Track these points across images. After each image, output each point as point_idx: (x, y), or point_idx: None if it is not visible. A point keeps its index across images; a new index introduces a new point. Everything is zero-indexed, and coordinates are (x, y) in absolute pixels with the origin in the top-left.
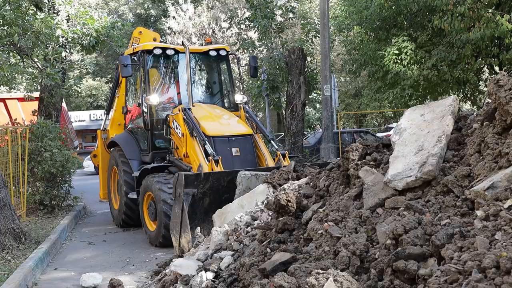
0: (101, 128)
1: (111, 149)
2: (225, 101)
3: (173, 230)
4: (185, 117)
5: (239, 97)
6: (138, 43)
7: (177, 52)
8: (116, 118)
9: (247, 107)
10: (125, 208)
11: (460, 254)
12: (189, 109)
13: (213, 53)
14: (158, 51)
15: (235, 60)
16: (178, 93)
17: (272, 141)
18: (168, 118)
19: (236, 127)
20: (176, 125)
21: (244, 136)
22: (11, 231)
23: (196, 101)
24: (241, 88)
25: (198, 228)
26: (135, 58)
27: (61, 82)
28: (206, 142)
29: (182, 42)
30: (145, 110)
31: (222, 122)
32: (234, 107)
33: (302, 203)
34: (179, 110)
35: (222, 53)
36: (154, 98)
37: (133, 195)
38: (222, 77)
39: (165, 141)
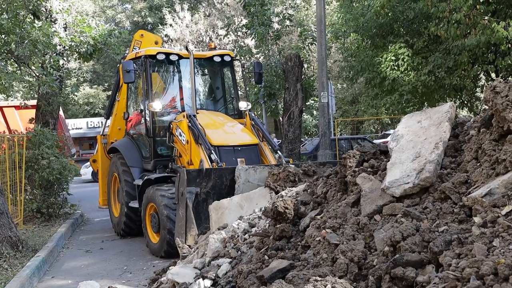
0: (101, 133)
1: (112, 155)
2: (228, 108)
3: (178, 235)
4: (190, 124)
5: (243, 104)
6: (140, 46)
7: (180, 57)
8: (116, 122)
9: (252, 114)
10: (126, 216)
11: (458, 261)
12: (194, 116)
13: (217, 59)
14: (161, 57)
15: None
16: (181, 99)
17: (278, 151)
18: (171, 125)
19: (242, 136)
20: (179, 132)
21: (250, 146)
22: (8, 239)
23: (199, 108)
24: (246, 95)
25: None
26: (135, 65)
27: (58, 90)
28: (212, 151)
29: (187, 47)
30: (147, 116)
31: (227, 131)
32: (238, 114)
33: (300, 210)
34: (184, 117)
35: (227, 59)
36: (157, 105)
37: (134, 204)
38: (226, 84)
39: (168, 149)
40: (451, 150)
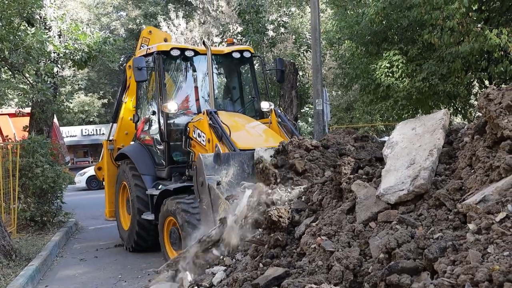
0: (107, 138)
1: (120, 162)
2: (249, 108)
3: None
4: (212, 122)
5: (265, 104)
6: (148, 43)
7: (196, 53)
8: (123, 126)
9: (278, 111)
10: (138, 229)
11: (453, 267)
12: (215, 112)
13: (236, 55)
14: (175, 53)
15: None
16: (197, 100)
17: None
18: (188, 128)
19: (269, 138)
20: (198, 133)
21: None
22: (1, 248)
23: (217, 108)
24: (267, 94)
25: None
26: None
27: (53, 97)
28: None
29: (204, 42)
30: (161, 118)
31: (251, 133)
32: (259, 115)
33: (295, 218)
34: (204, 113)
35: (246, 55)
36: (172, 105)
37: (147, 216)
38: (246, 82)
39: (184, 154)
40: (445, 157)
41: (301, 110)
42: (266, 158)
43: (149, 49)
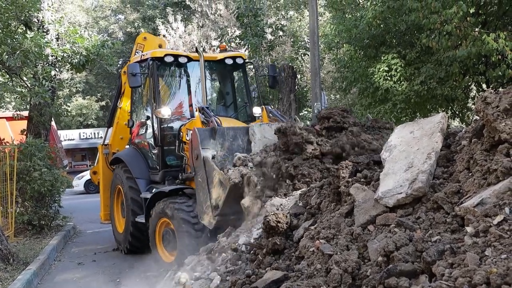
0: (102, 143)
1: (115, 166)
2: (242, 113)
3: (202, 206)
4: (204, 116)
5: (257, 110)
6: (143, 50)
7: (190, 59)
8: (118, 131)
9: (269, 108)
10: (132, 232)
11: (451, 270)
12: (207, 107)
13: (229, 61)
14: (169, 59)
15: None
16: (190, 105)
17: None
18: (181, 132)
19: None
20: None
21: None
22: None
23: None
24: (259, 99)
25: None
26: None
27: (51, 100)
28: None
29: (196, 49)
30: (154, 123)
31: None
32: (251, 120)
33: (293, 223)
34: (196, 110)
35: (239, 61)
36: (165, 111)
37: (141, 219)
38: (238, 88)
39: (177, 158)
40: (443, 160)
41: (300, 114)
42: (258, 134)
43: (143, 55)
